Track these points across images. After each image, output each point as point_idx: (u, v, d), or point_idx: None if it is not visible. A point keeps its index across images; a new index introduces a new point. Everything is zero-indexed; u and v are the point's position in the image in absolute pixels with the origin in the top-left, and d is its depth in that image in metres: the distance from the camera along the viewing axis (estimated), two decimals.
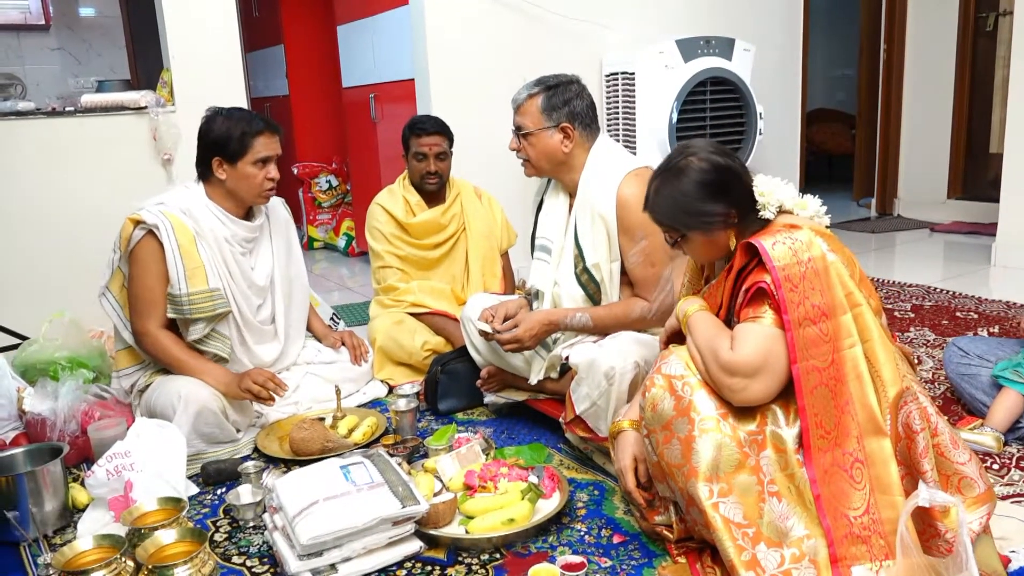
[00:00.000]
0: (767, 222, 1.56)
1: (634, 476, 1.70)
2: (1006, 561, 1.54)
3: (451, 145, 2.89)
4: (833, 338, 1.42)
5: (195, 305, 2.22)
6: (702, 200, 1.54)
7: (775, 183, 1.56)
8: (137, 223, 2.22)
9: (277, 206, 2.55)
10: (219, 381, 2.23)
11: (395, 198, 2.92)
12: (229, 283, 2.31)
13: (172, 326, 2.28)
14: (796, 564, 1.40)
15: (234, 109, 2.34)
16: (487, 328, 2.21)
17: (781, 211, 1.56)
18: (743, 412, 1.47)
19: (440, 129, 2.85)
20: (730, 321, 1.58)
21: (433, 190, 2.89)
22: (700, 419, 1.46)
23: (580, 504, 1.89)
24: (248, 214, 2.41)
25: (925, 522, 1.40)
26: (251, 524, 1.86)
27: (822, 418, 1.41)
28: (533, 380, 2.28)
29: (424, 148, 2.83)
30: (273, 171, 2.32)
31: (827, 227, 1.57)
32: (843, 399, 1.41)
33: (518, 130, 2.18)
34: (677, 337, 1.68)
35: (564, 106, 2.13)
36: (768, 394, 1.45)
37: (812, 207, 1.56)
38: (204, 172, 2.33)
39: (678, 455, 1.47)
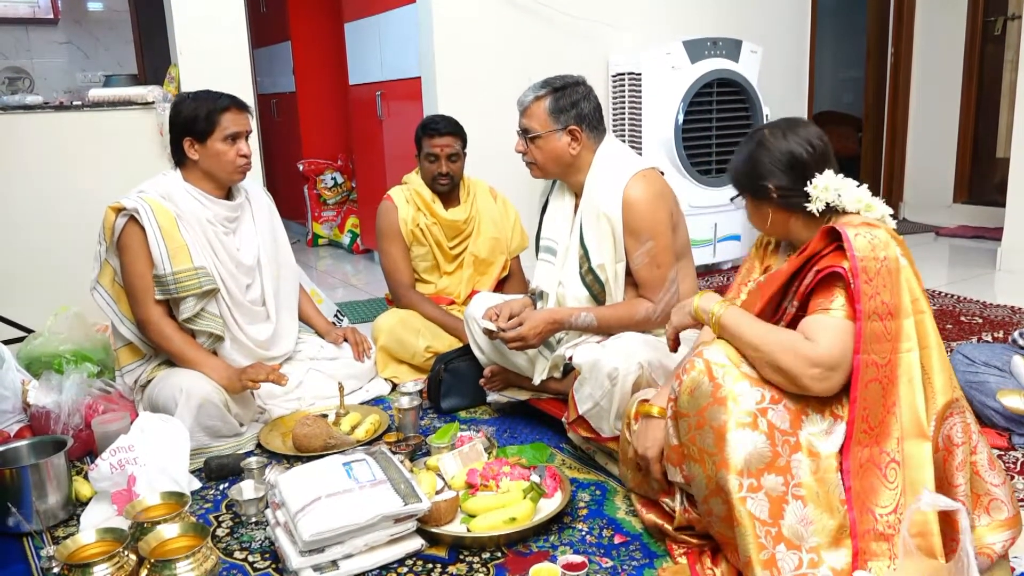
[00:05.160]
0: (813, 216, 1.56)
1: (660, 465, 1.68)
2: (1012, 571, 1.54)
3: (464, 146, 2.86)
4: (893, 338, 1.42)
5: (181, 283, 2.23)
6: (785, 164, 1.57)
7: (845, 184, 1.55)
8: (118, 211, 2.24)
9: (257, 191, 2.57)
10: (220, 375, 2.24)
11: (408, 204, 2.87)
12: (215, 263, 2.32)
13: (173, 313, 2.29)
14: (814, 569, 1.39)
15: (201, 91, 2.37)
16: (491, 326, 2.21)
17: (842, 211, 1.55)
18: (781, 411, 1.45)
19: (453, 130, 2.82)
20: (780, 305, 1.57)
21: (444, 191, 2.88)
22: (738, 410, 1.43)
23: (582, 504, 1.89)
24: (228, 195, 2.43)
25: (949, 535, 1.39)
26: (253, 520, 1.86)
27: (869, 413, 1.41)
28: (536, 380, 2.28)
29: (436, 149, 2.80)
30: (245, 147, 2.34)
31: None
32: (891, 399, 1.41)
33: (525, 133, 2.17)
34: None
35: (572, 108, 2.12)
36: (840, 387, 1.45)
37: (879, 210, 1.55)
38: (178, 156, 2.35)
39: (711, 443, 1.45)
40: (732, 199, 1.71)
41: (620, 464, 1.87)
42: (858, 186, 1.55)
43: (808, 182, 1.55)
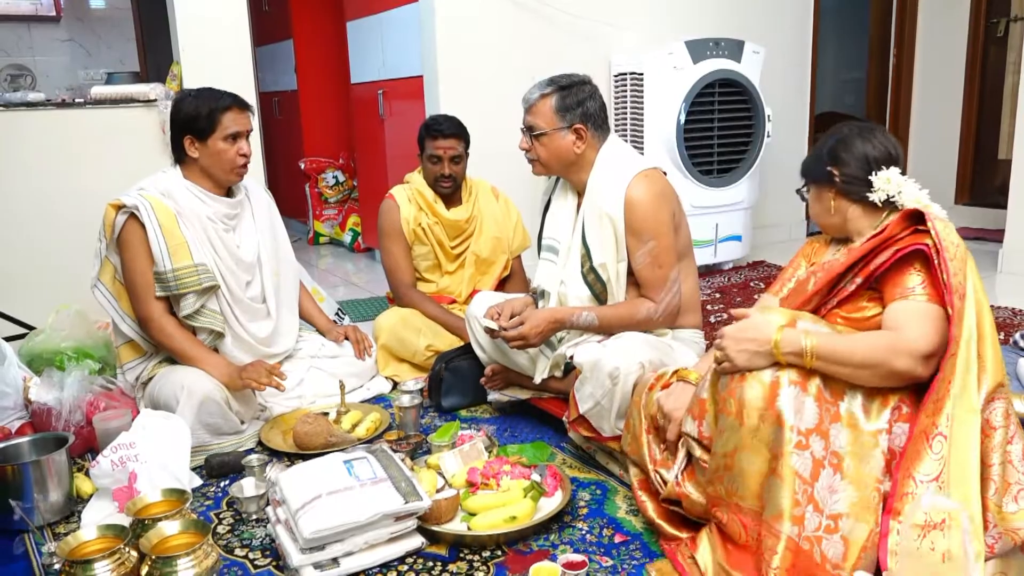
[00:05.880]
0: (874, 205, 1.61)
1: (678, 429, 1.67)
2: None
3: (467, 147, 2.85)
4: (961, 320, 1.43)
5: (181, 280, 2.23)
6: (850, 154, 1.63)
7: (908, 184, 1.59)
8: (118, 208, 2.25)
9: (257, 188, 2.57)
10: (221, 372, 2.25)
11: (410, 203, 2.87)
12: (215, 260, 2.33)
13: (174, 311, 2.29)
14: (829, 534, 1.42)
15: (203, 89, 2.37)
16: (493, 325, 2.21)
17: (900, 208, 1.58)
18: (826, 379, 1.46)
19: (456, 132, 2.80)
20: (834, 288, 1.58)
21: (447, 193, 2.87)
22: (791, 369, 1.44)
23: (582, 503, 1.90)
24: (227, 192, 2.43)
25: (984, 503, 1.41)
26: (254, 517, 1.86)
27: (939, 387, 1.42)
28: (537, 379, 2.29)
29: (439, 151, 2.78)
30: (245, 147, 2.34)
31: None
32: (950, 376, 1.42)
33: (530, 130, 2.17)
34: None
35: (578, 107, 2.12)
36: (934, 369, 1.45)
37: (937, 213, 1.56)
38: (178, 154, 2.36)
39: (759, 396, 1.43)
40: (798, 190, 1.76)
41: (624, 431, 1.88)
42: (920, 189, 1.59)
43: (873, 173, 1.60)
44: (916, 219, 1.50)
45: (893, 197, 1.59)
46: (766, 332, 1.46)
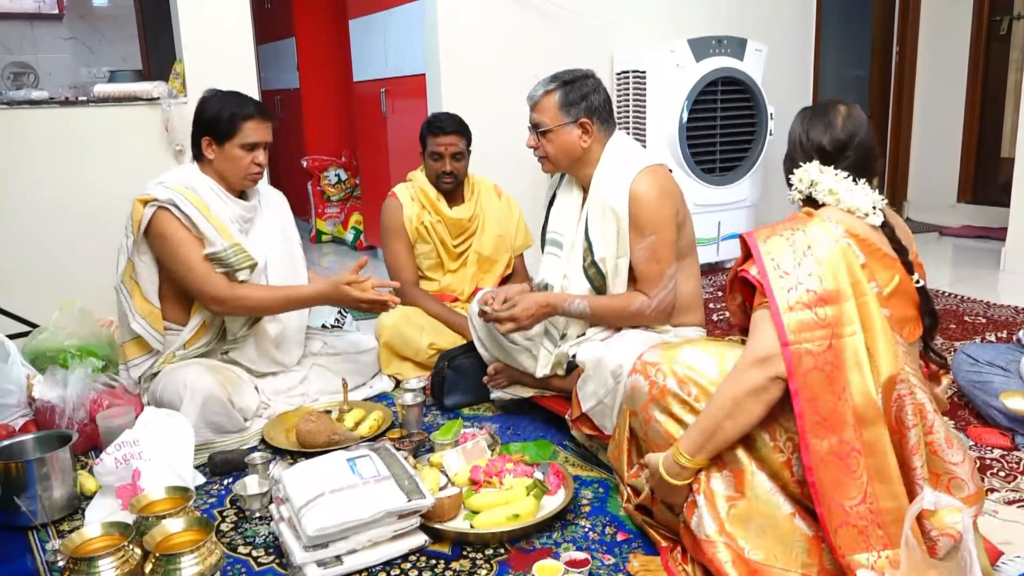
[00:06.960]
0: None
1: None
2: (997, 553, 1.56)
3: (469, 144, 2.86)
4: (833, 324, 1.40)
5: (237, 256, 2.28)
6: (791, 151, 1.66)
7: (825, 177, 1.55)
8: (147, 202, 2.24)
9: (270, 193, 2.57)
10: (323, 290, 2.33)
11: (413, 201, 2.88)
12: None
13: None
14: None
15: (231, 92, 2.38)
16: (486, 308, 2.21)
17: (816, 202, 1.57)
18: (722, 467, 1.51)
19: (458, 129, 2.82)
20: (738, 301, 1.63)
21: (448, 190, 2.87)
22: (676, 404, 1.56)
23: (585, 501, 1.90)
24: (243, 194, 2.44)
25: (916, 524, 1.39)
26: (257, 515, 1.87)
27: (818, 404, 1.38)
28: (539, 373, 2.28)
29: (440, 148, 2.80)
30: (261, 157, 2.36)
31: (880, 225, 1.55)
32: (839, 386, 1.38)
33: (536, 127, 2.17)
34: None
35: (582, 101, 2.12)
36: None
37: (848, 202, 1.54)
38: (196, 152, 2.37)
39: (661, 435, 1.57)
40: None
41: (611, 438, 1.89)
42: (846, 177, 1.55)
43: (793, 171, 1.60)
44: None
45: (812, 194, 1.57)
46: (658, 472, 1.56)
